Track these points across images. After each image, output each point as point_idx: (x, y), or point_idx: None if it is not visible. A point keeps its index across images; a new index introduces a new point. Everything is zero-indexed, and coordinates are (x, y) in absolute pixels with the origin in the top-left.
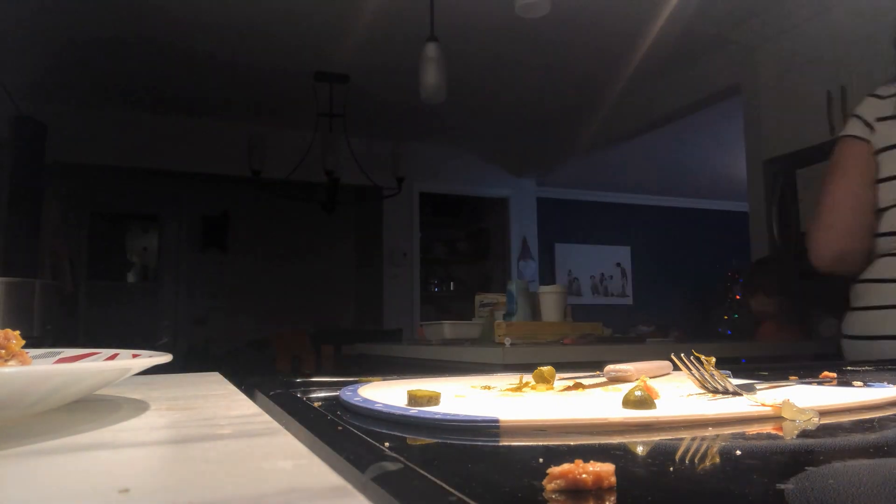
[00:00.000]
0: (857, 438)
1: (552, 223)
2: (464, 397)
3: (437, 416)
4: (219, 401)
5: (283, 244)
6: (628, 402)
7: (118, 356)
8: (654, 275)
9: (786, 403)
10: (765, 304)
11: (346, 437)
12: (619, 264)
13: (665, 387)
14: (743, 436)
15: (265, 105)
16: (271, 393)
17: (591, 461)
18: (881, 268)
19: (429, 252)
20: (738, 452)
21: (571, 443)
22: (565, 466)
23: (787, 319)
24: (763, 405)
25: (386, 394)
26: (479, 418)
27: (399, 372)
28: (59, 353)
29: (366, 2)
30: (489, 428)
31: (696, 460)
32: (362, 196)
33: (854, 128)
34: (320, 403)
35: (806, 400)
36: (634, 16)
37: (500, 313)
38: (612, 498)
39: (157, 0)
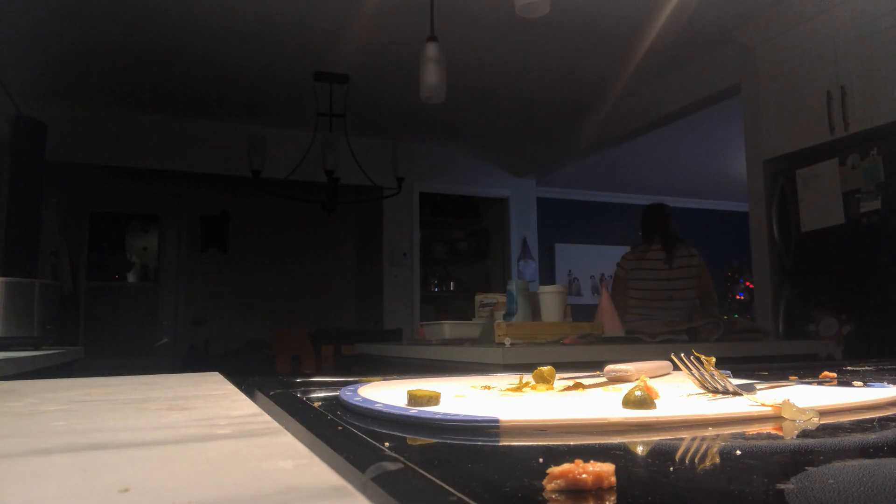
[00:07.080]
0: (857, 438)
1: (552, 223)
2: (464, 397)
3: (437, 416)
4: (219, 401)
5: (283, 244)
6: (628, 402)
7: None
8: None
9: (786, 403)
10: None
11: (346, 437)
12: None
13: (665, 387)
14: (743, 436)
15: (265, 105)
16: (271, 393)
17: (591, 461)
18: None
19: (429, 252)
20: (738, 452)
21: (571, 443)
22: (565, 466)
23: None
24: (763, 405)
25: (386, 394)
26: (479, 418)
27: (399, 372)
28: None
29: (366, 2)
30: (489, 428)
31: (696, 460)
32: (362, 196)
33: None
34: (320, 403)
35: (806, 400)
36: (634, 16)
37: (500, 313)
38: (612, 498)
39: (157, 1)
